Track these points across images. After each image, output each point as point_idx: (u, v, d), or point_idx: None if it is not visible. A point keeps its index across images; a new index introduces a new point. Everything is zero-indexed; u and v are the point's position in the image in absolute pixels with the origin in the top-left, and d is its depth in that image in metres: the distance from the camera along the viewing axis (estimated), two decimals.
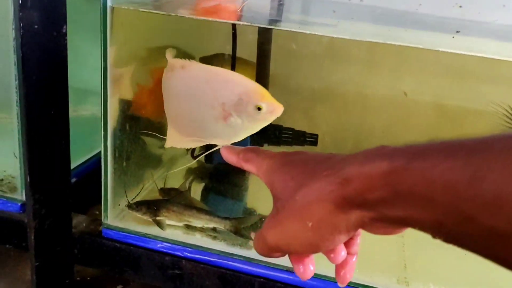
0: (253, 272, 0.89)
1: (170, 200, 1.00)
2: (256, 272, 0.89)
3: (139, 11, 0.87)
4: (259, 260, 0.90)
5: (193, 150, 1.07)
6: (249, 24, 1.03)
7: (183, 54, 0.76)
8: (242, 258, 0.90)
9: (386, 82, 1.47)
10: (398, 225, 0.38)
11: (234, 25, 1.04)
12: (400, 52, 1.35)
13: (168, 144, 0.74)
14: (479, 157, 0.30)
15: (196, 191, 1.12)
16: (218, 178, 1.16)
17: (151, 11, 0.91)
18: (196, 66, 0.71)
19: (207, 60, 1.09)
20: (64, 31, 0.82)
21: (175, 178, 1.10)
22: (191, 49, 1.06)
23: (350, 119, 1.48)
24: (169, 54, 0.72)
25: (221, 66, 1.01)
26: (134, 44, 0.95)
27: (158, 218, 0.98)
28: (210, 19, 1.02)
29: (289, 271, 0.89)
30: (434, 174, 0.32)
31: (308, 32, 0.98)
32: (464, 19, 0.88)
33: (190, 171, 1.17)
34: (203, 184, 1.16)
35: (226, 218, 0.95)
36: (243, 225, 0.93)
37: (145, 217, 0.97)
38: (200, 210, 0.97)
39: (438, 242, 0.34)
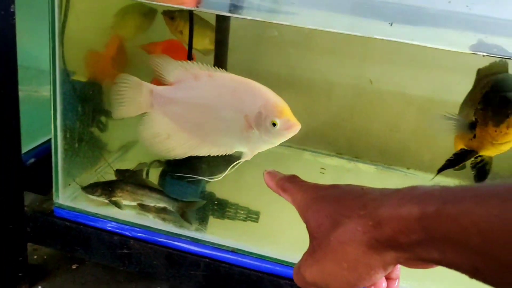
0: (199, 253, 0.91)
1: (124, 180, 1.01)
2: (202, 253, 0.91)
3: None
4: (205, 241, 0.92)
5: None
6: (206, 11, 1.05)
7: None
8: (189, 239, 0.92)
9: (352, 70, 1.49)
10: (435, 264, 0.37)
11: (191, 12, 1.05)
12: (366, 42, 1.37)
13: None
14: None
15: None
16: (176, 162, 1.18)
17: None
18: (222, 75, 0.71)
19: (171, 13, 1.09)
20: (12, 10, 0.82)
21: (131, 161, 1.12)
22: None
23: (316, 107, 1.49)
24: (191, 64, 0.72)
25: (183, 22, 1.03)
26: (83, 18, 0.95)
27: (113, 198, 0.99)
28: (165, 4, 1.03)
29: (234, 251, 0.91)
30: (468, 221, 0.31)
31: (259, 19, 0.98)
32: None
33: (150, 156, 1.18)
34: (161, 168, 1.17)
35: (175, 200, 0.96)
36: (189, 208, 0.95)
37: (101, 199, 0.98)
38: (152, 189, 0.99)
39: None
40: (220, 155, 0.73)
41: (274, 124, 0.68)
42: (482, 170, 0.89)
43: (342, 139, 1.48)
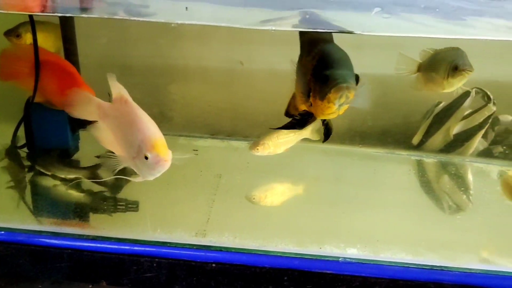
0: (61, 245, 0.96)
1: None
2: (64, 245, 0.96)
3: None
4: (66, 233, 0.97)
5: None
6: (49, 14, 1.07)
7: None
8: (50, 234, 0.97)
9: (223, 54, 1.55)
10: None
11: (31, 16, 1.07)
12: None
13: None
14: None
15: None
16: None
17: None
18: (131, 104, 0.83)
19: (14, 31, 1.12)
20: None
21: None
22: None
23: (193, 93, 1.55)
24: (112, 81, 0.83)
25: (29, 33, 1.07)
26: None
27: None
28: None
29: (96, 239, 0.96)
30: None
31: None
32: None
33: None
34: None
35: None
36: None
37: None
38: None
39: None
40: None
41: (146, 158, 0.77)
42: (327, 129, 0.98)
43: (223, 120, 1.55)
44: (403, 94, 1.50)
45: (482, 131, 1.39)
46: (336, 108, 0.84)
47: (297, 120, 0.98)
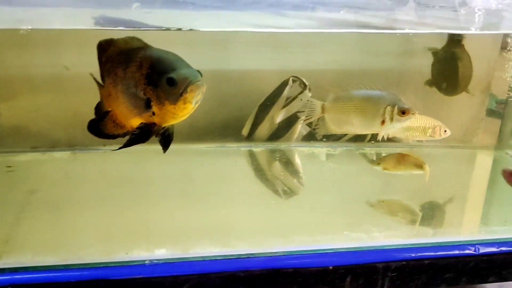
0: None
1: None
2: None
3: None
4: None
5: None
6: None
7: None
8: None
9: (46, 60, 1.45)
10: None
11: None
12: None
13: None
14: None
15: None
16: None
17: None
18: None
19: None
20: None
21: None
22: None
23: (17, 103, 1.43)
24: None
25: None
26: None
27: None
28: None
29: None
30: None
31: None
32: None
33: None
34: None
35: None
36: None
37: None
38: None
39: None
40: None
41: None
42: (166, 136, 0.94)
43: (56, 130, 1.45)
44: (236, 88, 1.53)
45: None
46: (192, 107, 0.82)
47: (138, 134, 0.91)
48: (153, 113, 0.85)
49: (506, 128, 1.59)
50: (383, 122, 1.00)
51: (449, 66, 1.51)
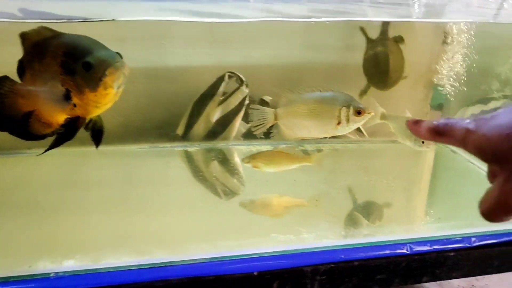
0: None
1: None
2: None
3: None
4: None
5: None
6: None
7: None
8: None
9: None
10: None
11: None
12: None
13: None
14: None
15: None
16: None
17: None
18: None
19: None
20: None
21: None
22: None
23: None
24: None
25: None
26: None
27: None
28: None
29: None
30: None
31: None
32: None
33: None
34: None
35: None
36: None
37: None
38: None
39: None
40: None
41: None
42: (96, 130, 0.87)
43: None
44: (172, 85, 1.47)
45: (241, 114, 1.40)
46: (115, 93, 0.75)
47: (62, 132, 0.84)
48: (74, 105, 0.78)
49: None
50: (339, 123, 0.96)
51: (377, 59, 1.48)
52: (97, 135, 0.87)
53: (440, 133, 0.51)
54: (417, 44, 1.56)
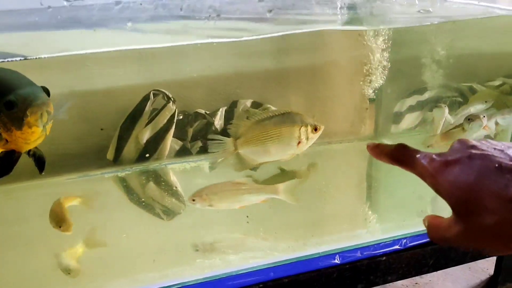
0: None
1: None
2: None
3: None
4: None
5: None
6: None
7: None
8: None
9: None
10: None
11: None
12: None
13: None
14: None
15: None
16: None
17: None
18: None
19: None
20: None
21: None
22: None
23: None
24: None
25: None
26: None
27: None
28: None
29: None
30: None
31: None
32: None
33: None
34: None
35: None
36: None
37: None
38: None
39: None
40: None
41: None
42: (38, 156, 0.83)
43: None
44: (100, 108, 1.41)
45: (171, 131, 1.36)
46: (42, 131, 0.71)
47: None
48: (7, 141, 0.75)
49: (380, 115, 1.56)
50: (299, 143, 0.95)
51: None
52: (39, 161, 0.83)
53: (398, 161, 0.50)
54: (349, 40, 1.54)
